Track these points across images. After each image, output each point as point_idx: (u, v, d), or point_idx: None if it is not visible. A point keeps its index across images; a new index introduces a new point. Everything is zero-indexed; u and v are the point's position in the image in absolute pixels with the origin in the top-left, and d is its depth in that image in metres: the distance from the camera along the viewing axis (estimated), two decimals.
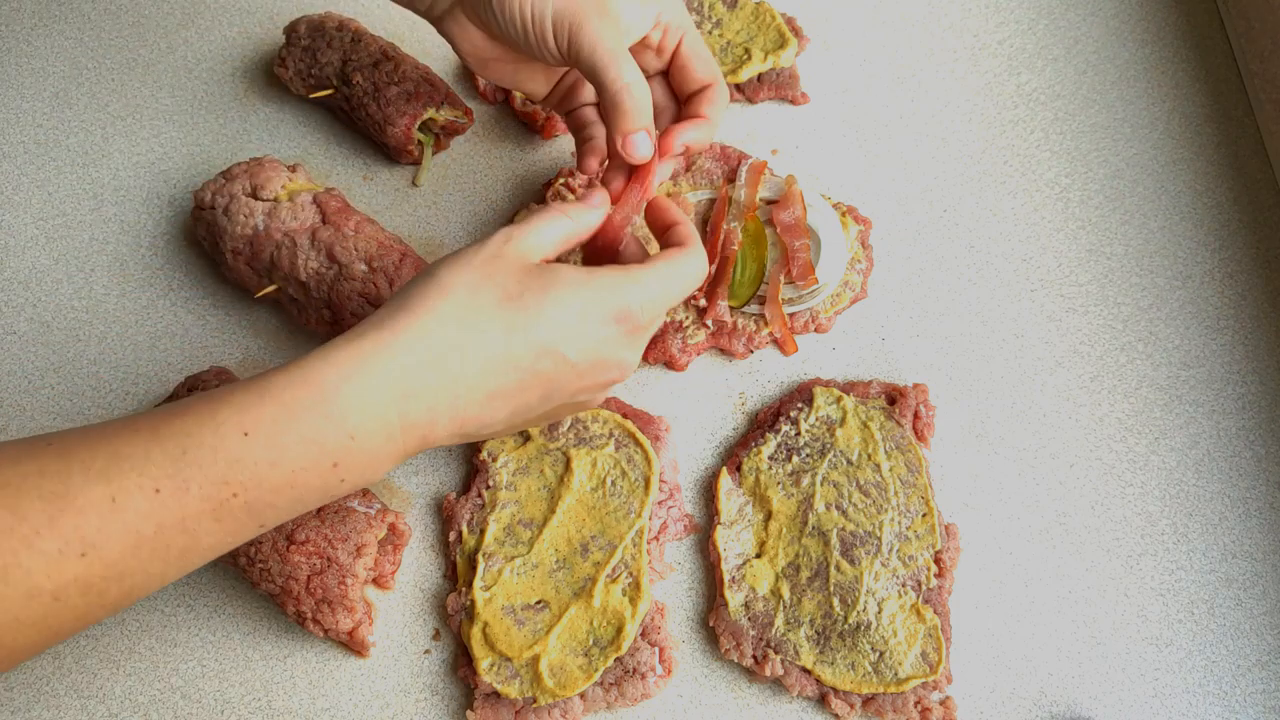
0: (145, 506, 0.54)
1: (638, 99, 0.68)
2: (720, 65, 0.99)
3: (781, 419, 0.87)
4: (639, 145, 0.69)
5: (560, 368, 0.62)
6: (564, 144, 1.00)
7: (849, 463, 0.85)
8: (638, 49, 0.74)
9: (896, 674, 0.79)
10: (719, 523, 0.84)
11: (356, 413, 0.57)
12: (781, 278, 0.90)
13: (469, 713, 0.79)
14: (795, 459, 0.85)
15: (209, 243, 0.89)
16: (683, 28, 0.74)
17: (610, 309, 0.63)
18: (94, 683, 0.83)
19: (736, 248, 0.91)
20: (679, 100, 0.77)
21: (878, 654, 0.79)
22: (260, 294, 0.88)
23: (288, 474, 0.56)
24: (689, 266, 0.69)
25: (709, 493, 0.87)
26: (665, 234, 0.72)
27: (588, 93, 0.80)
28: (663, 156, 0.72)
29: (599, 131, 0.78)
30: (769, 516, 0.84)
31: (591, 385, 0.65)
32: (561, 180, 0.95)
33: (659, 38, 0.74)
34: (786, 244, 0.90)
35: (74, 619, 0.55)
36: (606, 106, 0.69)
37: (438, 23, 0.76)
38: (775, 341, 0.91)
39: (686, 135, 0.73)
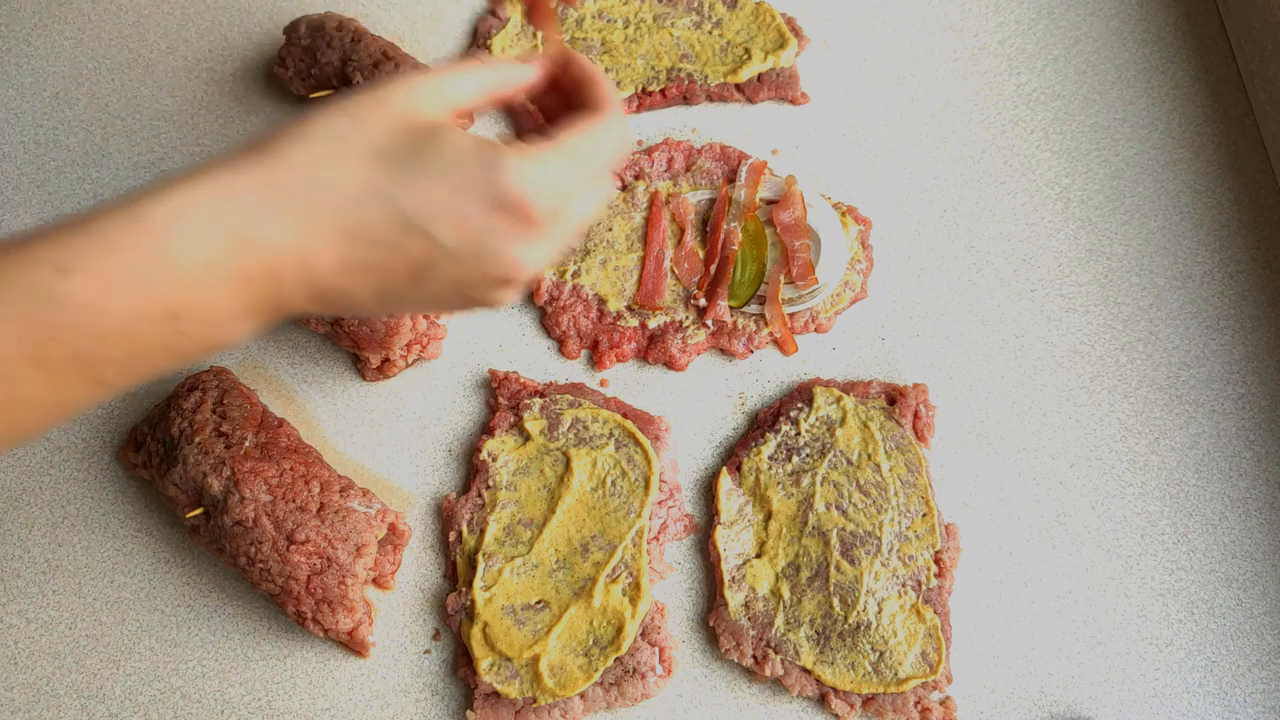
0: None
1: None
2: (720, 65, 0.99)
3: (781, 419, 0.87)
4: None
5: (431, 252, 0.52)
6: None
7: (849, 463, 0.85)
8: None
9: (896, 674, 0.79)
10: (719, 523, 0.84)
11: (188, 257, 0.49)
12: (781, 278, 0.90)
13: (469, 713, 0.79)
14: (795, 459, 0.85)
15: None
16: None
17: (495, 192, 0.52)
18: (94, 683, 0.83)
19: (736, 248, 0.91)
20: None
21: (878, 654, 0.79)
22: None
23: (117, 321, 0.48)
24: (604, 138, 0.56)
25: (709, 493, 0.87)
26: (576, 96, 0.60)
27: None
28: None
29: None
30: (769, 516, 0.84)
31: (475, 279, 0.54)
32: None
33: None
34: (786, 244, 0.90)
35: None
36: None
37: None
38: (775, 341, 0.91)
39: None
